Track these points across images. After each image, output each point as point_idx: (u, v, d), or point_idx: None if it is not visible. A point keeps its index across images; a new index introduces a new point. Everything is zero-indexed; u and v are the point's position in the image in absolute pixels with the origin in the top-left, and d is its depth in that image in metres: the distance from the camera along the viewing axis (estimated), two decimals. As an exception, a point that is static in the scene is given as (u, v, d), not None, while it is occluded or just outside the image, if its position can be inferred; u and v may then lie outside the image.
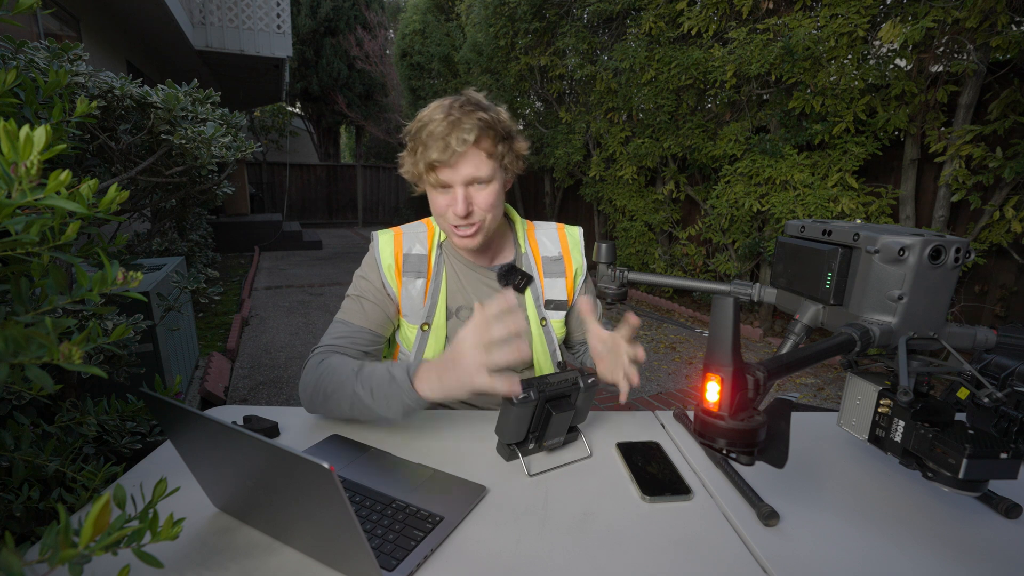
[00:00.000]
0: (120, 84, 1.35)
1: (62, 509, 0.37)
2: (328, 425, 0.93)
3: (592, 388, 0.83)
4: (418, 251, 1.07)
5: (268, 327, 4.39)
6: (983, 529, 0.70)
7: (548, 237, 1.15)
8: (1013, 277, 3.19)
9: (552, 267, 1.12)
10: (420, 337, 1.06)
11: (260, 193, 12.23)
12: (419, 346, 1.06)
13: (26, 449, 0.83)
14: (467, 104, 0.95)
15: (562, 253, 1.14)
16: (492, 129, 0.95)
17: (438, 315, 1.05)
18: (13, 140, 0.43)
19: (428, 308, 1.05)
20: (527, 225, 1.17)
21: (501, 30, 5.94)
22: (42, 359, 0.42)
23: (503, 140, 0.97)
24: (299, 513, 0.56)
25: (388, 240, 1.07)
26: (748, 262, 4.48)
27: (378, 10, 12.66)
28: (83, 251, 0.68)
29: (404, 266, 1.05)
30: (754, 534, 0.67)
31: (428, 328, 1.05)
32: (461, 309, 1.08)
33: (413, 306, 1.06)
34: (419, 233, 1.09)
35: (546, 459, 0.85)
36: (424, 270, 1.06)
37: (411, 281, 1.05)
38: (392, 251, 1.06)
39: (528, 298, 1.09)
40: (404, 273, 1.05)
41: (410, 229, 1.10)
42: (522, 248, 1.13)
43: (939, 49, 3.08)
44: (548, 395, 0.80)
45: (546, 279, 1.12)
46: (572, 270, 1.13)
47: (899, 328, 0.70)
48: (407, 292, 1.05)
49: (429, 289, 1.06)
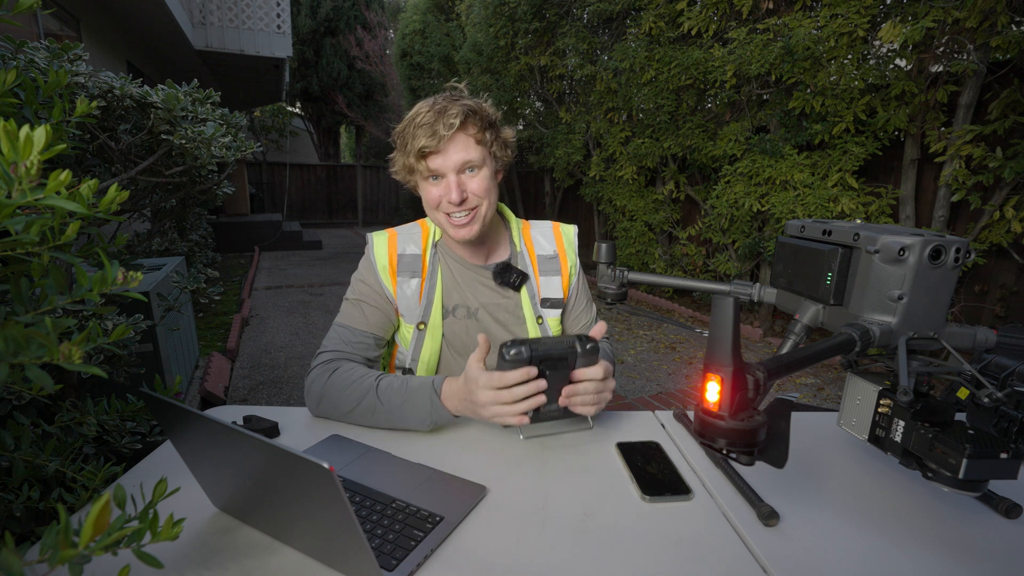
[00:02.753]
0: (120, 84, 1.35)
1: (62, 509, 0.37)
2: (328, 425, 0.93)
3: (591, 354, 0.81)
4: (412, 251, 1.08)
5: (268, 327, 4.39)
6: (983, 529, 0.70)
7: (543, 236, 1.16)
8: (1013, 277, 3.19)
9: (548, 265, 1.13)
10: (416, 336, 1.07)
11: (260, 193, 12.23)
12: (416, 345, 1.07)
13: (26, 449, 0.83)
14: (451, 96, 0.98)
15: (557, 251, 1.15)
16: (477, 115, 0.97)
17: (434, 314, 1.06)
18: (13, 140, 0.43)
19: (424, 307, 1.06)
20: (523, 224, 1.18)
21: (501, 30, 5.93)
22: (42, 359, 0.42)
23: (489, 127, 1.00)
24: (299, 513, 0.56)
25: (383, 241, 1.09)
26: (748, 262, 4.48)
27: (378, 10, 12.66)
28: (83, 251, 0.68)
29: (399, 266, 1.06)
30: (754, 534, 0.67)
31: (424, 327, 1.06)
32: (457, 308, 1.09)
33: (408, 305, 1.07)
34: (414, 234, 1.11)
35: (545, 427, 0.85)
36: (418, 269, 1.07)
37: (405, 281, 1.06)
38: (387, 252, 1.07)
39: (524, 296, 1.10)
40: (399, 273, 1.06)
41: (404, 230, 1.11)
42: (517, 247, 1.13)
43: (939, 49, 3.08)
44: (541, 355, 0.78)
45: (542, 277, 1.12)
46: (567, 268, 1.14)
47: (899, 328, 0.70)
48: (402, 292, 1.06)
49: (424, 288, 1.07)
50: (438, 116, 0.93)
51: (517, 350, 0.76)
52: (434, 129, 0.93)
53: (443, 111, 0.94)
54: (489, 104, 1.02)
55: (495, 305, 1.09)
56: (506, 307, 1.10)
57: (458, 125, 0.94)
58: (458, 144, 0.96)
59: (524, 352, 0.76)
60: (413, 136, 0.95)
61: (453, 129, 0.93)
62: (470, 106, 0.96)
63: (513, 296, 1.10)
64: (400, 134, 1.00)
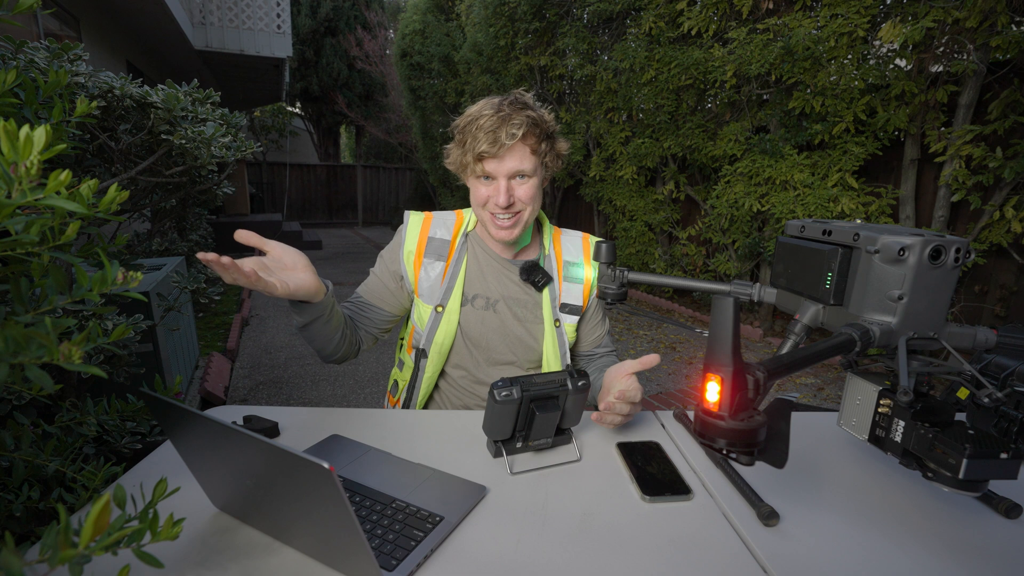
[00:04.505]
0: (120, 84, 1.35)
1: (62, 509, 0.37)
2: (328, 425, 0.93)
3: (582, 391, 0.82)
4: (442, 236, 1.12)
5: (268, 327, 4.39)
6: (983, 529, 0.70)
7: (573, 244, 1.19)
8: (1013, 277, 3.19)
9: (572, 272, 1.16)
10: (433, 318, 1.10)
11: (260, 193, 12.23)
12: (431, 327, 1.10)
13: (26, 449, 0.83)
14: (516, 102, 1.00)
15: (583, 261, 1.17)
16: (538, 127, 1.00)
17: (452, 299, 1.09)
18: (13, 140, 0.43)
19: (444, 291, 1.09)
20: (554, 230, 1.21)
21: (501, 30, 5.93)
22: (42, 359, 0.42)
23: (547, 139, 1.03)
24: (299, 513, 0.56)
25: (417, 221, 1.13)
26: (748, 262, 4.48)
27: (378, 10, 12.66)
28: (83, 251, 0.68)
29: (427, 248, 1.10)
30: (754, 534, 0.67)
31: (442, 310, 1.09)
32: (477, 297, 1.12)
33: (431, 287, 1.10)
34: (448, 220, 1.15)
35: (535, 459, 0.84)
36: (445, 254, 1.11)
37: (431, 262, 1.10)
38: (419, 232, 1.11)
39: (545, 298, 1.13)
40: (425, 255, 1.10)
41: (440, 216, 1.16)
42: (546, 250, 1.16)
43: (939, 49, 3.08)
44: (532, 395, 0.79)
45: (564, 283, 1.15)
46: (590, 279, 1.17)
47: (899, 328, 0.70)
48: (425, 273, 1.10)
49: (448, 273, 1.10)
50: (501, 123, 0.96)
51: (508, 391, 0.77)
52: (496, 136, 0.95)
53: (507, 119, 0.96)
54: (548, 115, 1.04)
55: (515, 300, 1.12)
56: (526, 303, 1.13)
57: (520, 136, 0.96)
58: (515, 153, 0.99)
59: (515, 393, 0.77)
60: (474, 137, 0.97)
61: (515, 140, 0.96)
62: (533, 118, 0.99)
63: (534, 295, 1.13)
64: (461, 130, 1.02)
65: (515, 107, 0.98)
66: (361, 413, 1.00)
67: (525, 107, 1.00)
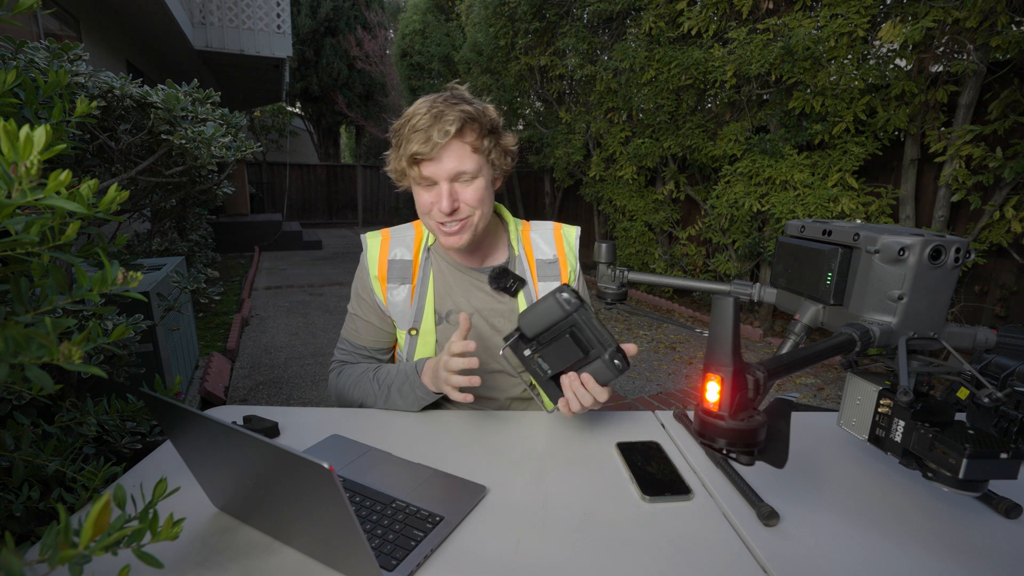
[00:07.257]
0: (120, 84, 1.35)
1: (62, 509, 0.37)
2: (328, 425, 0.93)
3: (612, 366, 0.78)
4: (402, 256, 1.06)
5: (268, 327, 4.39)
6: (983, 529, 0.70)
7: (543, 238, 1.12)
8: (1013, 277, 3.19)
9: (547, 270, 1.09)
10: (409, 342, 1.06)
11: (260, 193, 12.22)
12: (408, 350, 1.06)
13: (26, 449, 0.83)
14: (451, 98, 0.93)
15: (557, 256, 1.11)
16: (476, 122, 0.92)
17: (426, 320, 1.04)
18: (13, 140, 0.43)
19: (415, 313, 1.05)
20: (522, 225, 1.14)
21: (501, 30, 5.93)
22: (42, 359, 0.42)
23: (489, 134, 0.95)
24: (299, 513, 0.56)
25: (375, 244, 1.07)
26: (748, 262, 4.48)
27: (378, 10, 12.66)
28: (83, 251, 0.68)
29: (389, 273, 1.05)
30: (754, 534, 0.67)
31: (416, 333, 1.05)
32: (451, 313, 1.06)
33: (400, 311, 1.05)
34: (406, 237, 1.08)
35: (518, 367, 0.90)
36: (408, 276, 1.05)
37: (395, 287, 1.05)
38: (378, 256, 1.06)
39: (521, 302, 1.06)
40: (388, 280, 1.05)
41: (398, 232, 1.09)
42: (515, 250, 1.09)
43: (939, 49, 3.08)
44: (578, 327, 0.79)
45: (540, 282, 1.08)
46: (567, 272, 1.10)
47: (899, 328, 0.70)
48: (392, 298, 1.05)
49: (416, 294, 1.05)
50: (434, 121, 0.88)
51: (570, 298, 0.78)
52: (428, 135, 0.88)
53: (439, 116, 0.88)
54: (491, 109, 0.97)
55: (490, 310, 1.06)
56: (501, 312, 1.07)
57: (454, 132, 0.89)
58: (453, 152, 0.91)
59: (572, 307, 0.78)
60: (407, 140, 0.91)
61: (448, 137, 0.88)
62: (469, 112, 0.91)
63: (509, 301, 1.07)
64: (396, 133, 0.95)
65: (449, 103, 0.90)
66: (361, 413, 1.00)
67: (461, 101, 0.91)
